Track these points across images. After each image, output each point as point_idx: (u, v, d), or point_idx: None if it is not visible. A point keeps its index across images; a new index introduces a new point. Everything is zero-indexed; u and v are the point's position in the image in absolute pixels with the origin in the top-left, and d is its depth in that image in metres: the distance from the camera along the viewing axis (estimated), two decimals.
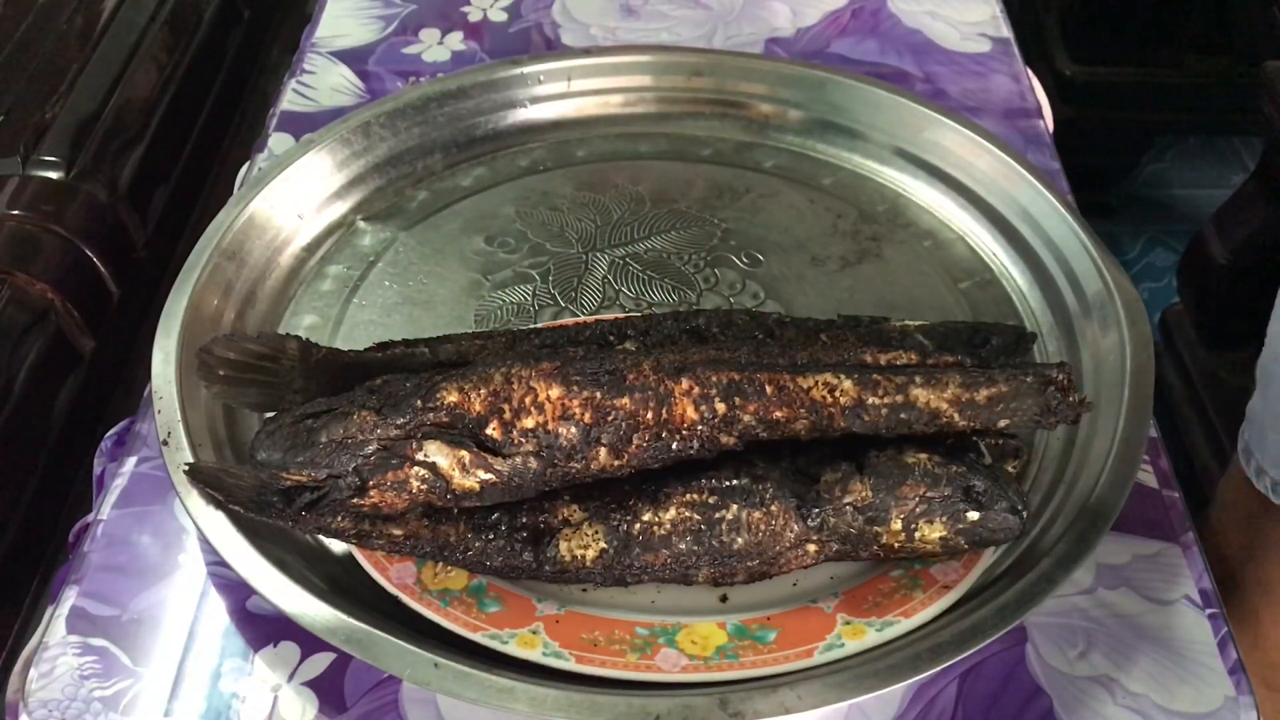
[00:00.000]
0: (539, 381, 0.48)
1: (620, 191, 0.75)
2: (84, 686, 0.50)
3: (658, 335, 0.56)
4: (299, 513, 0.47)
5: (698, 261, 0.70)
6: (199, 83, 0.99)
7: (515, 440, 0.47)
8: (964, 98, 0.82)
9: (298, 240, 0.69)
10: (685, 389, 0.48)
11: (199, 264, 0.62)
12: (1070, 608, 0.53)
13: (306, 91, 0.82)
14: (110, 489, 0.57)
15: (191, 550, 0.55)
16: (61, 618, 0.52)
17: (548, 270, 0.69)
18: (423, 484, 0.47)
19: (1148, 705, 0.50)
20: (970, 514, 0.47)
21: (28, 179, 0.80)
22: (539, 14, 0.90)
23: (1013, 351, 0.57)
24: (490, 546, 0.48)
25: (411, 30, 0.88)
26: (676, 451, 0.48)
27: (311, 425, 0.49)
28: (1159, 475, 0.58)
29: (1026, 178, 0.69)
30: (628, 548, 0.48)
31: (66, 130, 0.83)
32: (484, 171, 0.75)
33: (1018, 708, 0.50)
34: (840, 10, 0.91)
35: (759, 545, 0.48)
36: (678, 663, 0.47)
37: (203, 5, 1.02)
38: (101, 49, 0.90)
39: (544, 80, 0.77)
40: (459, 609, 0.48)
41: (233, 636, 0.52)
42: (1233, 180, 1.53)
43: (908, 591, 0.49)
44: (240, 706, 0.49)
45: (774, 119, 0.78)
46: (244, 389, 0.53)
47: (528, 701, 0.44)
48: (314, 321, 0.65)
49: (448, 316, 0.66)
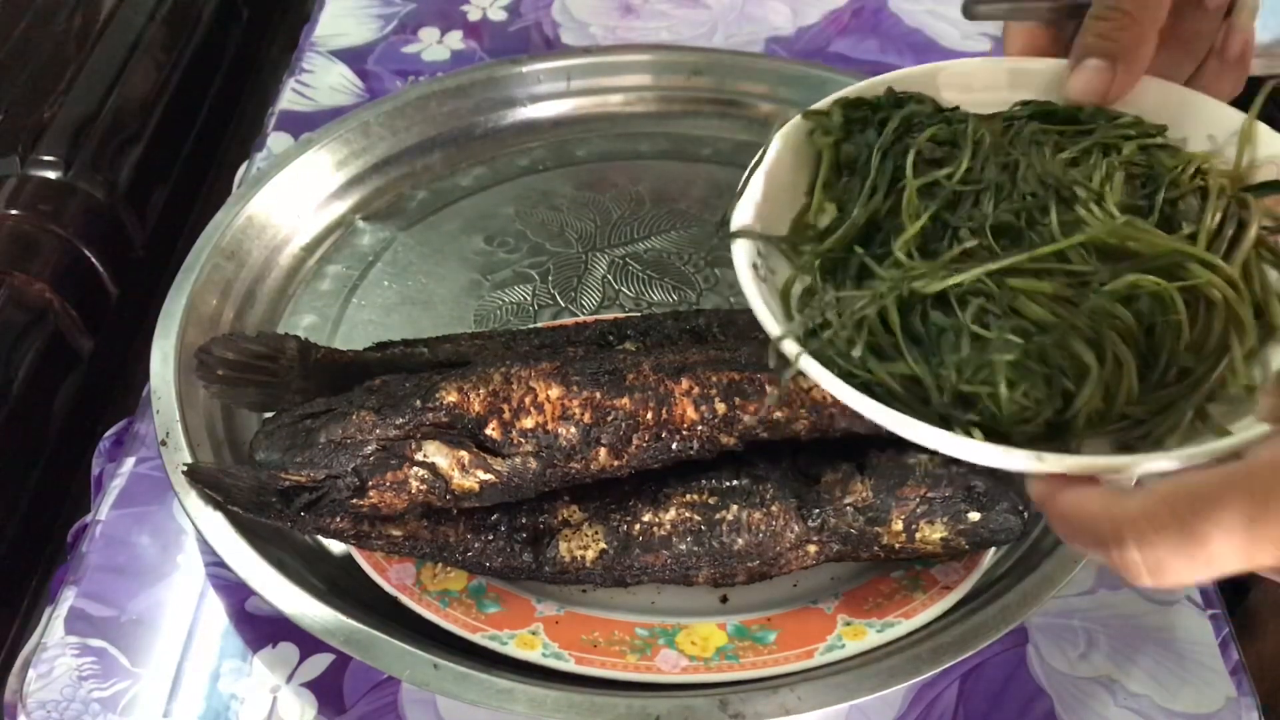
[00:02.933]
0: (538, 381, 0.48)
1: (620, 191, 0.74)
2: (82, 687, 0.50)
3: (658, 335, 0.56)
4: (298, 513, 0.47)
5: (698, 261, 0.70)
6: (198, 82, 0.99)
7: (515, 440, 0.47)
8: None
9: (297, 240, 0.69)
10: (685, 389, 0.48)
11: (198, 264, 0.62)
12: (1071, 608, 0.53)
13: (305, 91, 0.82)
14: (109, 489, 0.57)
15: (190, 551, 0.55)
16: (60, 618, 0.52)
17: (547, 270, 0.69)
18: (422, 484, 0.47)
19: (1149, 706, 0.50)
20: (971, 514, 0.47)
21: (26, 178, 0.79)
22: (539, 13, 0.90)
23: None
24: (490, 547, 0.48)
25: (411, 29, 0.88)
26: (676, 451, 0.48)
27: (310, 425, 0.48)
28: None
29: None
30: (628, 548, 0.48)
31: (65, 130, 0.82)
32: (484, 171, 0.75)
33: (1019, 708, 0.50)
34: (841, 9, 0.90)
35: (759, 546, 0.47)
36: (678, 663, 0.47)
37: (201, 4, 1.02)
38: (100, 48, 0.90)
39: (544, 80, 0.77)
40: (458, 610, 0.48)
41: (232, 637, 0.52)
42: None
43: (908, 592, 0.49)
44: (239, 707, 0.49)
45: (774, 118, 0.78)
46: (243, 389, 0.53)
47: (527, 703, 0.44)
48: (313, 321, 0.65)
49: (447, 316, 0.66)
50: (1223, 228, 0.36)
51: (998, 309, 0.34)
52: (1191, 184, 0.37)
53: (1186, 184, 0.37)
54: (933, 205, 0.37)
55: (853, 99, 0.42)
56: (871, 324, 0.35)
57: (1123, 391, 0.34)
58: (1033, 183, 0.37)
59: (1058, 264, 0.35)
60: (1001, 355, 0.33)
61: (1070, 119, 0.40)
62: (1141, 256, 0.35)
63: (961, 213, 0.37)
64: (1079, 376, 0.33)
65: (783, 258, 0.40)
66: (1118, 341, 0.33)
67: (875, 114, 0.42)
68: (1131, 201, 0.37)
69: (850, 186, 0.40)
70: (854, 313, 0.35)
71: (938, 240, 0.37)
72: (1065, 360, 0.33)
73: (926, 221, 0.37)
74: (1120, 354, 0.33)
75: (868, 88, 0.42)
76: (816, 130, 0.41)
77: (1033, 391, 0.33)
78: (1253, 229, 0.36)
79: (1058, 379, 0.33)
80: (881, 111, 0.41)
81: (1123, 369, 0.34)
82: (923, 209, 0.37)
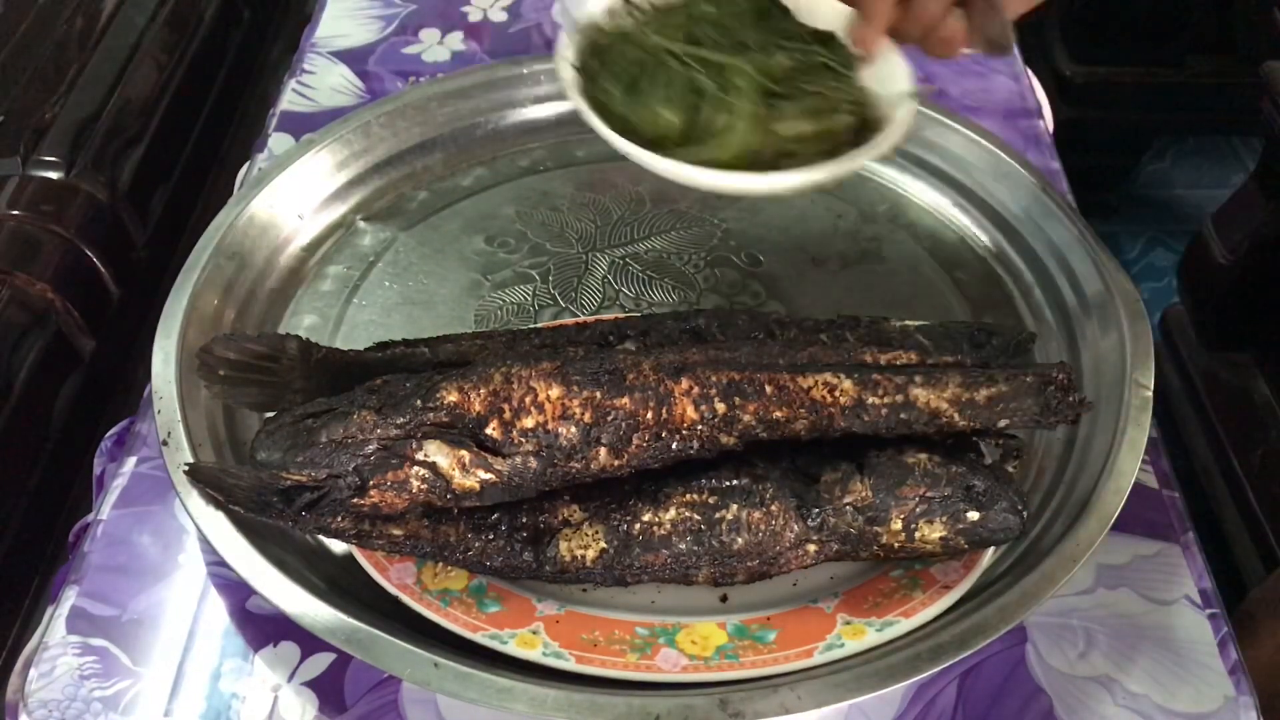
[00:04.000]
0: (539, 381, 0.48)
1: (620, 191, 0.75)
2: (84, 686, 0.50)
3: (658, 335, 0.56)
4: (299, 513, 0.47)
5: (698, 261, 0.70)
6: (199, 83, 0.99)
7: (515, 440, 0.47)
8: (964, 98, 0.82)
9: (298, 240, 0.69)
10: (685, 389, 0.48)
11: (199, 264, 0.62)
12: (1070, 608, 0.53)
13: (306, 91, 0.82)
14: (110, 489, 0.57)
15: (191, 550, 0.55)
16: (61, 618, 0.52)
17: (548, 270, 0.69)
18: (423, 484, 0.47)
19: (1148, 705, 0.50)
20: (970, 514, 0.47)
21: (28, 179, 0.80)
22: (539, 14, 0.90)
23: (1013, 352, 0.57)
24: (490, 546, 0.48)
25: (411, 30, 0.88)
26: (676, 451, 0.48)
27: (311, 425, 0.49)
28: (1159, 475, 0.58)
29: (1026, 178, 0.69)
30: (628, 548, 0.48)
31: (66, 130, 0.83)
32: (484, 171, 0.75)
33: (1018, 708, 0.50)
34: None
35: (759, 545, 0.48)
36: (678, 663, 0.47)
37: (203, 5, 1.02)
38: (101, 49, 0.90)
39: (544, 81, 0.77)
40: (459, 609, 0.48)
41: (233, 636, 0.52)
42: (1233, 180, 1.53)
43: (908, 591, 0.49)
44: (240, 706, 0.49)
45: None
46: (244, 389, 0.54)
47: (528, 702, 0.44)
48: (314, 321, 0.65)
49: (448, 316, 0.66)
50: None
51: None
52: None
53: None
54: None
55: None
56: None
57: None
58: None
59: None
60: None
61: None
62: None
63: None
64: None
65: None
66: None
67: None
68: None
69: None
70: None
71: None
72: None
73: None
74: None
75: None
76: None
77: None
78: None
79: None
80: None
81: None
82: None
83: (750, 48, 0.53)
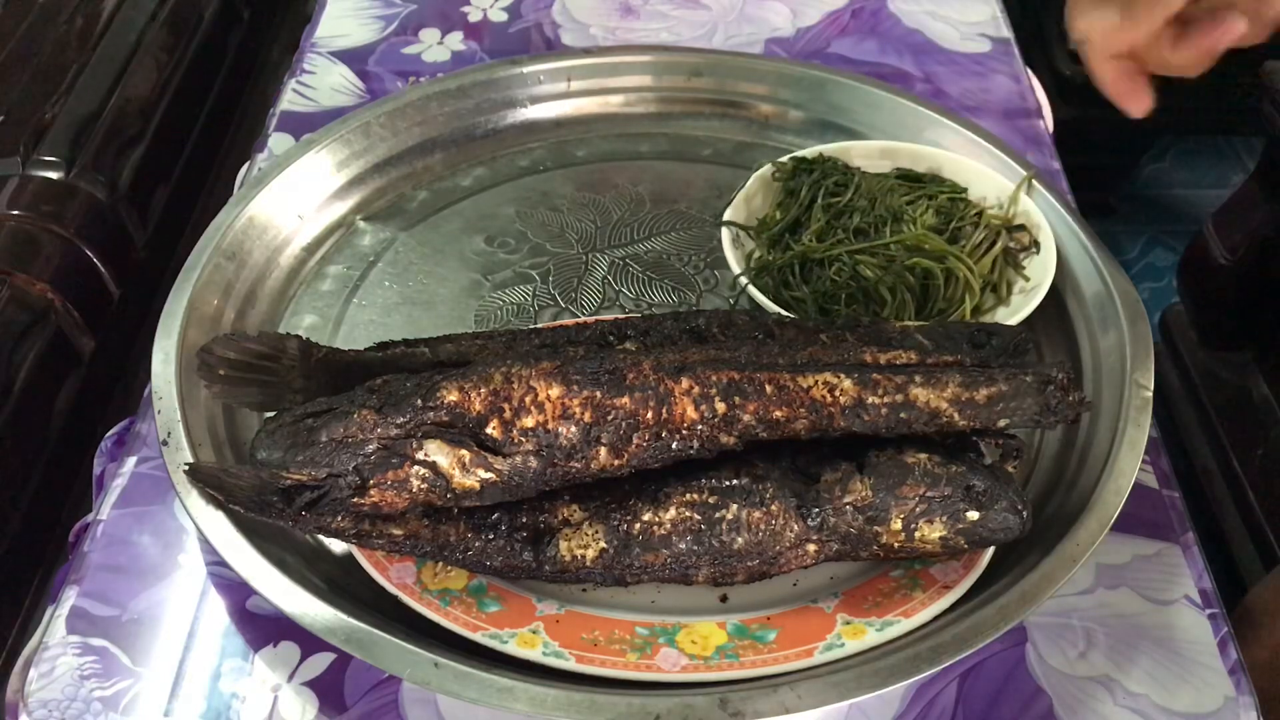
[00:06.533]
0: (539, 381, 0.48)
1: (620, 192, 0.75)
2: (84, 686, 0.50)
3: (658, 335, 0.56)
4: (299, 512, 0.47)
5: (698, 262, 0.70)
6: (199, 83, 0.99)
7: (515, 439, 0.47)
8: (964, 98, 0.82)
9: (298, 240, 0.69)
10: (685, 389, 0.48)
11: (199, 264, 0.62)
12: (1070, 608, 0.53)
13: (306, 91, 0.82)
14: (110, 489, 0.57)
15: (191, 550, 0.55)
16: (61, 618, 0.52)
17: (548, 270, 0.69)
18: (423, 483, 0.47)
19: (1147, 705, 0.50)
20: (970, 514, 0.47)
21: (28, 179, 0.80)
22: (539, 14, 0.90)
23: (1013, 351, 0.57)
24: (490, 546, 0.48)
25: (411, 30, 0.88)
26: (676, 451, 0.48)
27: (312, 425, 0.49)
28: (1159, 475, 0.58)
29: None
30: (628, 547, 0.48)
31: (66, 130, 0.83)
32: (484, 171, 0.75)
33: (1018, 708, 0.50)
34: (840, 10, 0.91)
35: (759, 545, 0.48)
36: (678, 662, 0.47)
37: (203, 5, 1.02)
38: (101, 49, 0.90)
39: (544, 80, 0.77)
40: (459, 609, 0.48)
41: (233, 636, 0.52)
42: (1233, 180, 1.53)
43: (908, 591, 0.49)
44: (240, 706, 0.49)
45: (774, 119, 0.78)
46: (244, 389, 0.54)
47: (528, 701, 0.44)
48: (314, 321, 0.65)
49: (448, 316, 0.66)
50: (982, 243, 0.65)
51: (849, 269, 0.64)
52: (971, 219, 0.66)
53: (969, 219, 0.66)
54: (825, 216, 0.66)
55: (799, 157, 0.69)
56: (786, 270, 0.65)
57: (906, 315, 0.62)
58: (882, 210, 0.66)
59: (884, 251, 0.64)
60: (846, 288, 0.63)
61: (917, 179, 0.69)
62: (929, 251, 0.63)
63: (842, 221, 0.66)
64: (881, 303, 0.62)
65: (750, 238, 0.68)
66: (903, 288, 0.63)
67: (810, 166, 0.69)
68: (936, 224, 0.65)
69: (789, 204, 0.68)
70: (777, 263, 0.65)
71: (829, 234, 0.65)
72: (874, 293, 0.63)
73: (822, 224, 0.66)
74: (903, 295, 0.63)
75: (810, 152, 0.70)
76: (777, 172, 0.69)
77: (856, 307, 0.63)
78: (999, 245, 0.65)
79: (869, 303, 0.63)
80: (813, 165, 0.69)
81: (906, 303, 0.62)
82: (821, 216, 0.66)
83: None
